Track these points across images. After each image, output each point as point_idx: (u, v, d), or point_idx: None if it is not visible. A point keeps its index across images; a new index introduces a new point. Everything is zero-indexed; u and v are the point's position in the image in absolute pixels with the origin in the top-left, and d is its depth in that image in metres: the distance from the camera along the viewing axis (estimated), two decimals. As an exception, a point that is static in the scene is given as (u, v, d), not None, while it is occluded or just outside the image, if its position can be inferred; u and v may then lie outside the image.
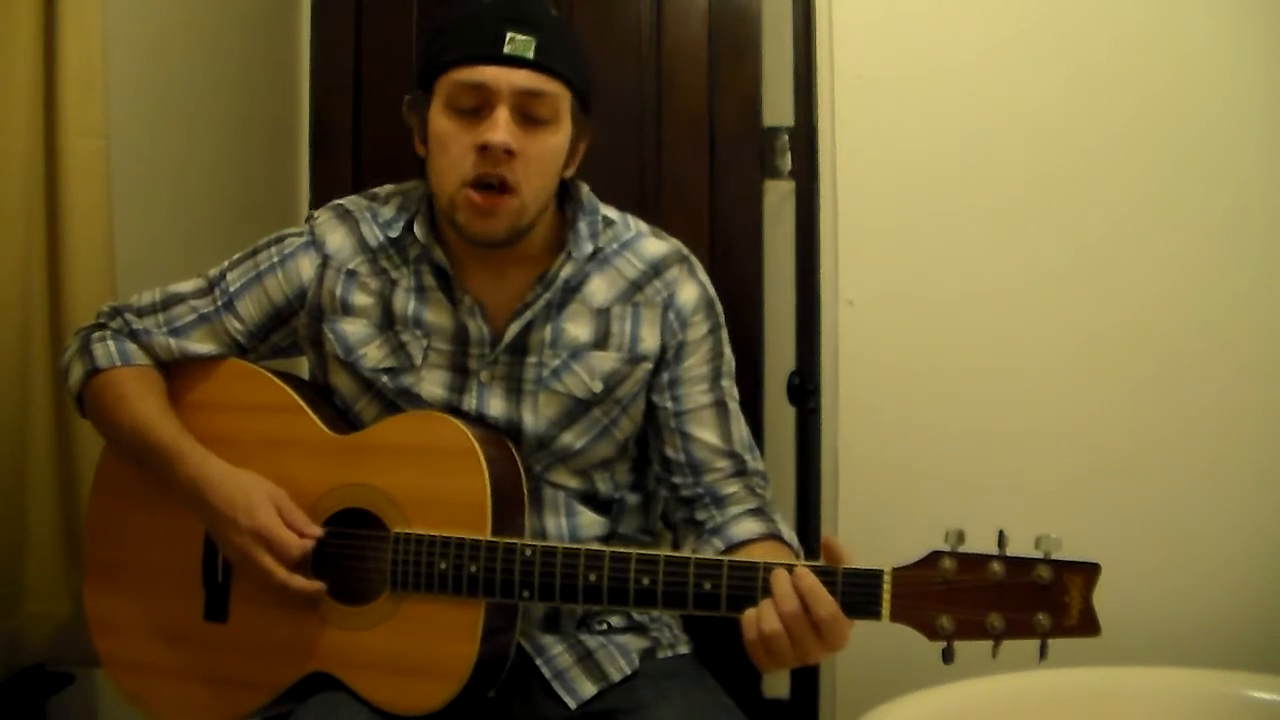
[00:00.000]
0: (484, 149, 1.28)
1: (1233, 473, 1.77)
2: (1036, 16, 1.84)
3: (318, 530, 1.30)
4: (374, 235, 1.42)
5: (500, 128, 1.27)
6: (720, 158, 2.29)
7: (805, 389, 1.99)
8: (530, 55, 1.28)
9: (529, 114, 1.29)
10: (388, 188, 1.47)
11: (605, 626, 1.42)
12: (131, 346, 1.42)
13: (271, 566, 1.27)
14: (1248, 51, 1.79)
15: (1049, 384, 1.84)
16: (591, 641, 1.39)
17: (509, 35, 1.27)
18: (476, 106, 1.29)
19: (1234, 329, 1.79)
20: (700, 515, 1.40)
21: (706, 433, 1.41)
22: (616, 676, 1.37)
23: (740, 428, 1.44)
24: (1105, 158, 1.82)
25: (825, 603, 1.13)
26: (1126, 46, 1.82)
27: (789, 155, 2.23)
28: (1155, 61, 1.81)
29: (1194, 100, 1.80)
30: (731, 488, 1.40)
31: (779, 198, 2.27)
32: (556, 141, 1.33)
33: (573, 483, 1.41)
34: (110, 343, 1.42)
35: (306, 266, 1.42)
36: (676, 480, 1.41)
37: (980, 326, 1.86)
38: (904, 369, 1.87)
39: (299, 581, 1.28)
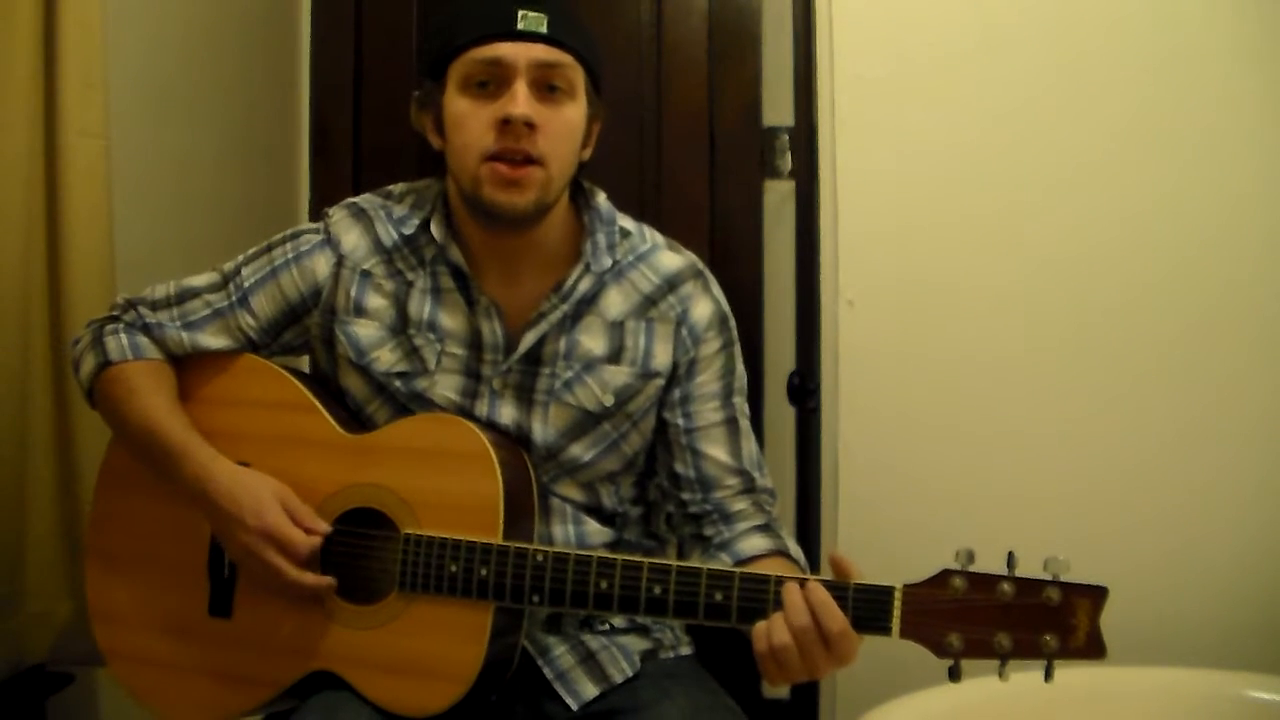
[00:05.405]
0: (506, 122, 1.28)
1: (1233, 472, 1.78)
2: (1036, 16, 1.85)
3: (325, 526, 1.30)
4: (389, 235, 1.41)
5: (520, 100, 1.27)
6: (720, 158, 2.28)
7: (805, 389, 1.99)
8: (544, 30, 1.29)
9: (547, 85, 1.30)
10: (401, 186, 1.46)
11: (607, 627, 1.42)
12: (144, 340, 1.41)
13: (281, 564, 1.27)
14: (1244, 46, 1.80)
15: (1048, 382, 1.84)
16: (594, 642, 1.39)
17: (521, 13, 1.28)
18: (494, 84, 1.29)
19: (1234, 329, 1.79)
20: (708, 531, 1.40)
21: (717, 450, 1.40)
22: (618, 678, 1.37)
23: (750, 445, 1.43)
24: (1106, 156, 1.83)
25: (836, 618, 1.13)
26: (1125, 45, 1.83)
27: (789, 155, 2.23)
28: (1154, 59, 1.82)
29: (1193, 98, 1.81)
30: (740, 504, 1.40)
31: (779, 198, 2.27)
32: (575, 113, 1.33)
33: (577, 495, 1.41)
34: (123, 335, 1.41)
35: (322, 265, 1.41)
36: (685, 496, 1.41)
37: (980, 326, 1.87)
38: (904, 369, 1.88)
39: (309, 578, 1.28)
